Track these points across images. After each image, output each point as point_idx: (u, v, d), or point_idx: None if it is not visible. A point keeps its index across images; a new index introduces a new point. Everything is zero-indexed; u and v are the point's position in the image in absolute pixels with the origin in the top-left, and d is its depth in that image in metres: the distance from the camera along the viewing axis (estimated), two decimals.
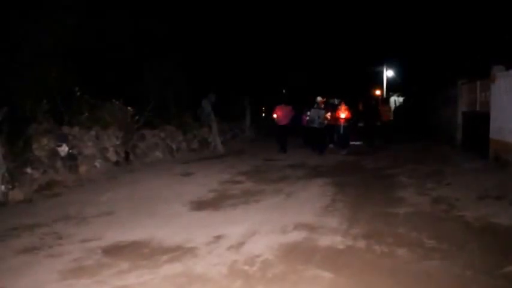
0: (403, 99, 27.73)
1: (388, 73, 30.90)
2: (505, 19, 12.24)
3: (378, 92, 30.98)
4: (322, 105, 12.36)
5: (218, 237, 4.43)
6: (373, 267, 3.59)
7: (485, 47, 13.27)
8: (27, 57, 8.69)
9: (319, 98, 12.34)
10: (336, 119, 12.32)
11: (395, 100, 28.83)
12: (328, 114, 12.36)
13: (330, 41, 22.69)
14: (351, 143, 12.74)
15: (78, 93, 9.26)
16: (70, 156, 8.14)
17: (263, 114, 21.14)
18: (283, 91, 23.06)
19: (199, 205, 5.99)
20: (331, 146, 12.82)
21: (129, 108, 10.36)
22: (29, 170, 7.14)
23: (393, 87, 30.10)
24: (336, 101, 13.85)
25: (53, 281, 3.44)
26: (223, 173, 8.75)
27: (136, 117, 10.55)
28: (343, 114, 12.13)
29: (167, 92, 12.14)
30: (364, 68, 27.70)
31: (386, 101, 21.35)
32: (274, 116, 12.64)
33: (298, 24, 20.26)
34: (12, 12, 8.76)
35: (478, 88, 10.58)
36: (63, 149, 8.04)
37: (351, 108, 12.61)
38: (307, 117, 12.46)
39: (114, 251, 4.11)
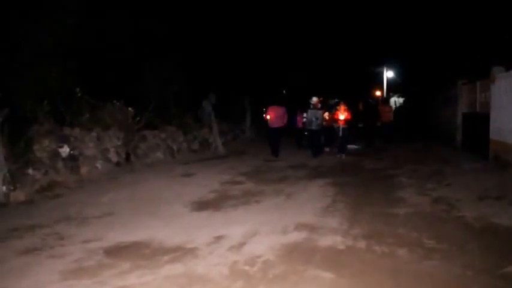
0: (404, 100, 27.76)
1: (388, 74, 30.92)
2: (505, 19, 12.26)
3: (378, 93, 30.99)
4: (319, 105, 11.56)
5: (219, 238, 4.44)
6: (374, 268, 3.60)
7: (485, 47, 13.29)
8: (27, 57, 8.70)
9: (314, 99, 11.49)
10: (334, 120, 11.64)
11: (396, 101, 28.87)
12: (326, 114, 11.75)
13: (330, 41, 22.68)
14: (348, 146, 11.98)
15: (79, 94, 9.26)
16: (71, 157, 8.15)
17: (264, 115, 21.09)
18: (284, 91, 23.06)
19: (200, 206, 6.00)
20: (327, 149, 12.25)
21: (129, 109, 10.36)
22: (30, 171, 7.16)
23: (393, 87, 30.14)
24: (334, 102, 13.62)
25: (54, 282, 3.45)
26: (223, 173, 8.76)
27: (137, 118, 10.55)
28: (342, 115, 11.31)
29: (167, 92, 12.13)
30: (364, 68, 27.67)
31: (386, 101, 21.19)
32: (267, 117, 11.81)
33: (298, 24, 20.27)
34: (12, 12, 8.77)
35: (478, 88, 10.60)
36: (65, 150, 8.05)
37: (350, 108, 11.82)
38: (304, 119, 11.80)
39: (115, 251, 4.13)
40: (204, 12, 14.47)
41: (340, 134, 11.34)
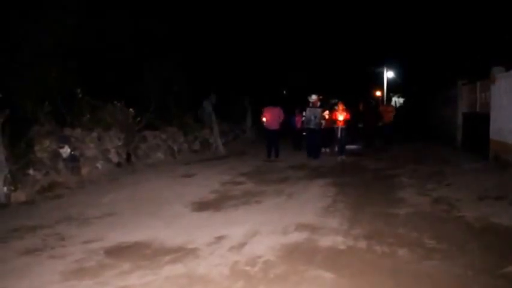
0: (404, 100, 27.80)
1: (389, 74, 30.94)
2: (505, 19, 12.27)
3: (378, 93, 31.01)
4: (318, 104, 11.22)
5: (220, 238, 4.45)
6: (374, 268, 3.61)
7: (485, 47, 13.31)
8: (27, 57, 8.71)
9: (313, 96, 11.04)
10: (333, 121, 11.30)
11: (396, 101, 28.90)
12: (326, 113, 11.51)
13: (330, 41, 22.67)
14: (347, 146, 11.66)
15: (80, 95, 9.26)
16: (72, 158, 8.15)
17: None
18: (284, 91, 23.05)
19: (201, 206, 6.01)
20: (326, 150, 12.15)
21: (130, 109, 10.36)
22: (31, 172, 7.16)
23: (393, 88, 30.16)
24: (333, 102, 13.56)
25: (55, 282, 3.45)
26: (224, 174, 8.76)
27: (138, 119, 10.55)
28: (341, 115, 11.02)
29: (167, 93, 12.13)
30: (364, 68, 27.65)
31: (388, 101, 21.11)
32: (264, 119, 11.25)
33: (298, 24, 20.27)
34: (12, 12, 8.78)
35: (478, 89, 10.60)
36: (65, 151, 8.04)
37: (350, 108, 11.59)
38: (303, 118, 11.60)
39: (116, 252, 4.13)
40: (204, 13, 14.48)
41: (339, 134, 11.11)
